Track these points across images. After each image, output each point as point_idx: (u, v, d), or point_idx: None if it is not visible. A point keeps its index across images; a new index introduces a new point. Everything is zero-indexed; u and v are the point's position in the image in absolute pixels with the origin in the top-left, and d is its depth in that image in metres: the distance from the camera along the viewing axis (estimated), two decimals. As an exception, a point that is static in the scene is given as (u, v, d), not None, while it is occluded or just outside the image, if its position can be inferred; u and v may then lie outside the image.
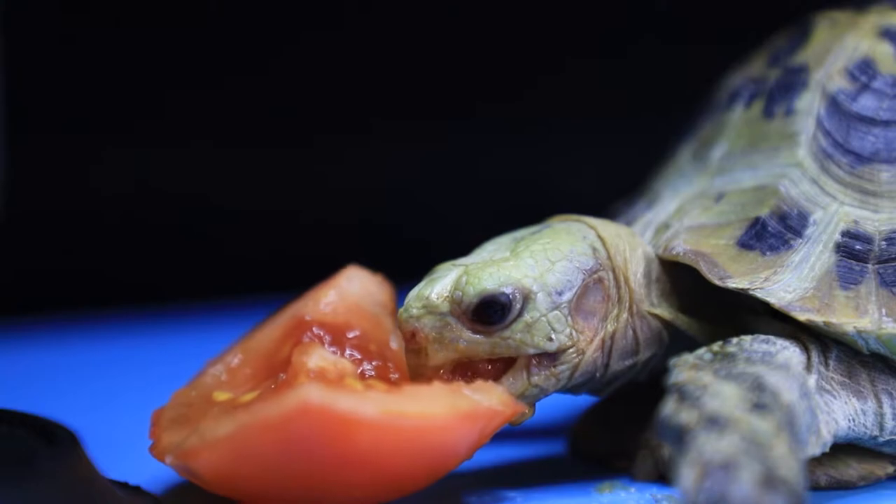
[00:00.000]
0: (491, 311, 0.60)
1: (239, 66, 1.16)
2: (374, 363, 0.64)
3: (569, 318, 0.61)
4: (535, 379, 0.61)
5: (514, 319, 0.61)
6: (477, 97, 1.18)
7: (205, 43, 1.15)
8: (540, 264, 0.62)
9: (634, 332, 0.64)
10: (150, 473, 0.64)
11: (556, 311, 0.61)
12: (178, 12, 1.14)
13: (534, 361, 0.61)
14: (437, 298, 0.61)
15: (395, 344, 0.65)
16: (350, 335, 0.64)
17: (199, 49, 1.15)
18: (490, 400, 0.59)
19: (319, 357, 0.60)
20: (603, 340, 0.62)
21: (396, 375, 0.63)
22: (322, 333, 0.64)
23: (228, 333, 0.69)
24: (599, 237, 0.64)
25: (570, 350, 0.61)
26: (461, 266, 0.62)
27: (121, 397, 0.84)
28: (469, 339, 0.61)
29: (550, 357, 0.61)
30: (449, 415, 0.57)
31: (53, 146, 1.14)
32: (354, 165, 1.18)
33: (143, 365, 0.93)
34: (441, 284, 0.61)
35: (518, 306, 0.61)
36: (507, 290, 0.61)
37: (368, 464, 0.57)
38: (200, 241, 1.17)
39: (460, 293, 0.60)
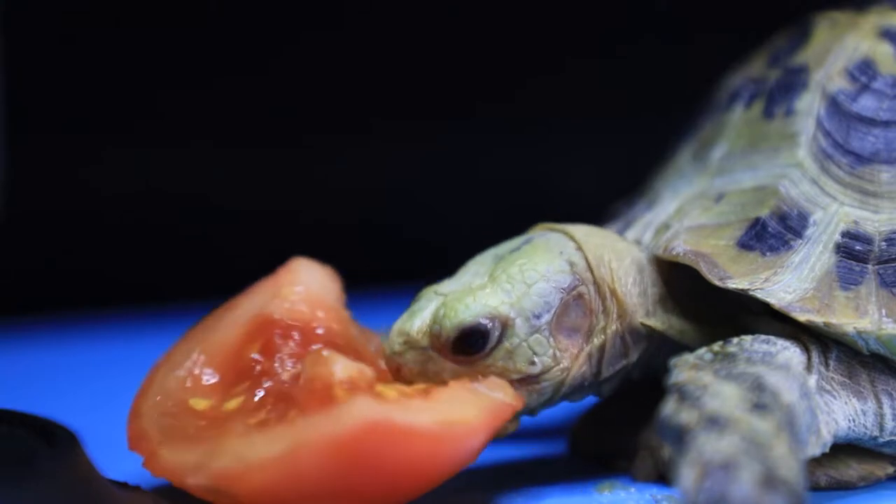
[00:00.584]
0: (470, 343, 0.60)
1: (239, 66, 1.16)
2: None
3: (550, 340, 0.61)
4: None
5: (495, 347, 0.60)
6: (476, 97, 1.18)
7: (205, 43, 1.15)
8: (516, 289, 0.61)
9: (623, 339, 0.63)
10: (149, 473, 0.64)
11: (537, 335, 0.61)
12: (177, 12, 1.14)
13: (515, 381, 0.61)
14: (417, 334, 0.60)
15: (358, 336, 0.64)
16: (318, 331, 0.63)
17: (198, 49, 1.15)
18: (505, 396, 0.59)
19: (343, 366, 0.58)
20: (590, 355, 0.62)
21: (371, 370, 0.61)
22: (291, 332, 0.62)
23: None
24: (580, 249, 0.63)
25: (555, 369, 0.61)
26: (440, 296, 0.61)
27: (121, 397, 0.84)
28: (452, 370, 0.61)
29: (533, 376, 0.61)
30: (481, 416, 0.58)
31: (53, 146, 1.14)
32: (354, 165, 1.18)
33: (143, 365, 0.93)
34: (420, 318, 0.61)
35: (497, 334, 0.60)
36: (484, 322, 0.60)
37: (421, 473, 0.56)
38: (200, 241, 1.17)
39: (438, 327, 0.60)
